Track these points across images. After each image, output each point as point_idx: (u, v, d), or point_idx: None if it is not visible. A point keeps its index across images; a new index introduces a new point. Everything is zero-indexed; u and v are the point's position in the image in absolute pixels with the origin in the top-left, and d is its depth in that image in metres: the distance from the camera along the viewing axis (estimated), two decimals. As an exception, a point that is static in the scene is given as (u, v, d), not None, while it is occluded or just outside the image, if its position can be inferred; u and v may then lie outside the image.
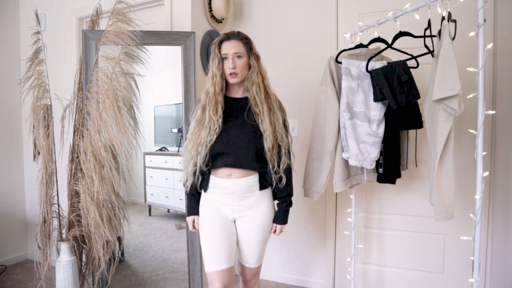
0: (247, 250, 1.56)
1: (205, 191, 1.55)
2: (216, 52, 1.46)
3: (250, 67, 1.48)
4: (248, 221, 1.53)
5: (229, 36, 1.46)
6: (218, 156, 1.47)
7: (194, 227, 1.60)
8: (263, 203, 1.54)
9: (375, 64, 1.76)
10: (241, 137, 1.45)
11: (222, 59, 1.46)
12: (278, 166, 1.49)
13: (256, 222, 1.53)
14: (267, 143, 1.44)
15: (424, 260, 2.28)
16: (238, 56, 1.45)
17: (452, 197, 1.45)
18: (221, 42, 1.47)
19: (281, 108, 1.55)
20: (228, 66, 1.44)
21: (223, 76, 1.47)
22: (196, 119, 1.48)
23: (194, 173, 1.50)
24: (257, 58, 1.50)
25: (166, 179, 2.38)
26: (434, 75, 1.44)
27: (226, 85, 1.52)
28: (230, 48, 1.44)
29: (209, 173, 1.52)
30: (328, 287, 2.51)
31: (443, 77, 1.37)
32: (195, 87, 2.13)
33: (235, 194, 1.49)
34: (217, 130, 1.43)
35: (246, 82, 1.49)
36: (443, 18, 1.45)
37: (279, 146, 1.48)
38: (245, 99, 1.51)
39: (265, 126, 1.44)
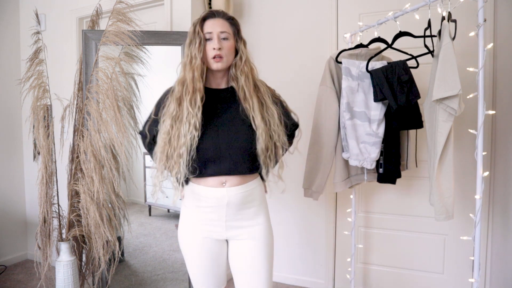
0: (250, 278, 1.26)
1: (180, 199, 1.30)
2: (198, 30, 1.20)
3: (236, 53, 1.26)
4: (248, 240, 1.26)
5: (214, 14, 1.23)
6: (208, 162, 1.20)
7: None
8: (262, 213, 1.30)
9: (375, 64, 1.76)
10: (235, 136, 1.21)
11: (205, 39, 1.21)
12: (271, 167, 1.27)
13: (258, 238, 1.27)
14: (260, 143, 1.20)
15: (424, 260, 2.28)
16: (224, 38, 1.21)
17: (452, 197, 1.45)
18: (204, 20, 1.22)
19: (275, 99, 1.32)
20: (212, 47, 1.19)
21: (204, 60, 1.21)
22: (171, 114, 1.19)
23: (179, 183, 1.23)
24: (245, 43, 1.28)
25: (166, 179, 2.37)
26: (434, 75, 1.44)
27: (206, 75, 1.26)
28: (216, 26, 1.21)
29: (188, 180, 1.27)
30: (328, 287, 2.51)
31: (443, 77, 1.37)
32: (195, 87, 2.13)
33: (230, 207, 1.22)
34: (197, 125, 1.16)
35: (232, 70, 1.25)
36: (443, 18, 1.45)
37: (276, 147, 1.25)
38: (231, 90, 1.28)
39: (257, 124, 1.21)
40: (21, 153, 3.05)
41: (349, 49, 1.85)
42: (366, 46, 1.85)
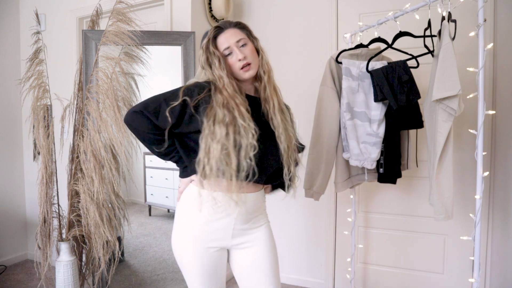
0: (258, 282, 1.25)
1: (200, 211, 1.15)
2: (212, 50, 1.16)
3: (258, 53, 1.22)
4: (257, 247, 1.23)
5: (222, 28, 1.19)
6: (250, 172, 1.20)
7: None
8: (264, 219, 1.29)
9: (376, 64, 1.76)
10: (273, 146, 1.19)
11: (224, 56, 1.17)
12: (293, 167, 1.22)
13: (264, 240, 1.25)
14: (282, 142, 1.17)
15: (424, 260, 2.28)
16: (243, 45, 1.18)
17: (452, 196, 1.45)
18: (215, 38, 1.19)
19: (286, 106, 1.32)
20: (237, 58, 1.15)
21: (229, 75, 1.15)
22: (223, 121, 1.08)
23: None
24: (258, 41, 1.26)
25: (166, 179, 2.38)
26: (434, 75, 1.44)
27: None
28: (230, 38, 1.17)
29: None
30: (328, 287, 2.51)
31: (443, 77, 1.37)
32: (195, 87, 2.13)
33: (242, 213, 1.16)
34: (256, 137, 1.14)
35: (259, 71, 1.21)
36: (443, 18, 1.45)
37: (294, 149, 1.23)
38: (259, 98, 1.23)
39: (275, 124, 1.18)
40: (21, 153, 3.04)
41: (349, 49, 1.85)
42: (366, 46, 1.85)
